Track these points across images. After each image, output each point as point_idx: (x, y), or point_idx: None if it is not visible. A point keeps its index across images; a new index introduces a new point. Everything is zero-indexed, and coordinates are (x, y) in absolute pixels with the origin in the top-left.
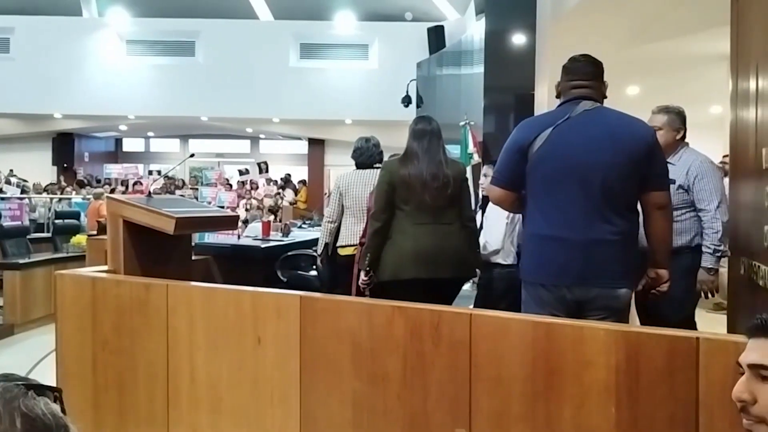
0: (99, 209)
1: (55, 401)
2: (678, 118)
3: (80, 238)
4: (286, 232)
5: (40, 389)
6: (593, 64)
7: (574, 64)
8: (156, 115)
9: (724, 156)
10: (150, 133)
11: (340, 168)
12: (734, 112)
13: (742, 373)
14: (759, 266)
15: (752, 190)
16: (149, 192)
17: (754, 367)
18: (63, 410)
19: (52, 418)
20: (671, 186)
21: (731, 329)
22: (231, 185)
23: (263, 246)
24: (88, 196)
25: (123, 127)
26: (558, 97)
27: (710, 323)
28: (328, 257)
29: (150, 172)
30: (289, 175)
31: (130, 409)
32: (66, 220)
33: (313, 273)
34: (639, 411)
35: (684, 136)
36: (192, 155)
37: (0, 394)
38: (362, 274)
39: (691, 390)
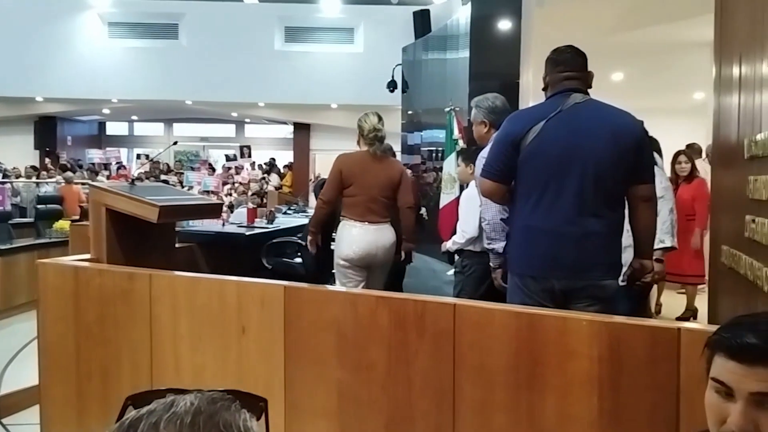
0: (79, 194)
1: (261, 413)
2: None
3: (63, 224)
4: (270, 219)
5: (246, 399)
6: (580, 56)
7: (562, 55)
8: (139, 99)
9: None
10: (134, 117)
11: (325, 152)
12: (717, 99)
13: (717, 390)
14: (740, 255)
15: (734, 180)
16: (132, 179)
17: (759, 396)
18: (267, 423)
19: None
20: None
21: (712, 317)
22: (214, 169)
23: (248, 233)
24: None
25: (106, 111)
26: (545, 89)
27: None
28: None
29: (138, 156)
30: (274, 159)
31: (113, 399)
32: (49, 205)
33: (298, 260)
34: (621, 401)
35: None
36: (175, 143)
37: (206, 405)
38: None
39: (673, 380)
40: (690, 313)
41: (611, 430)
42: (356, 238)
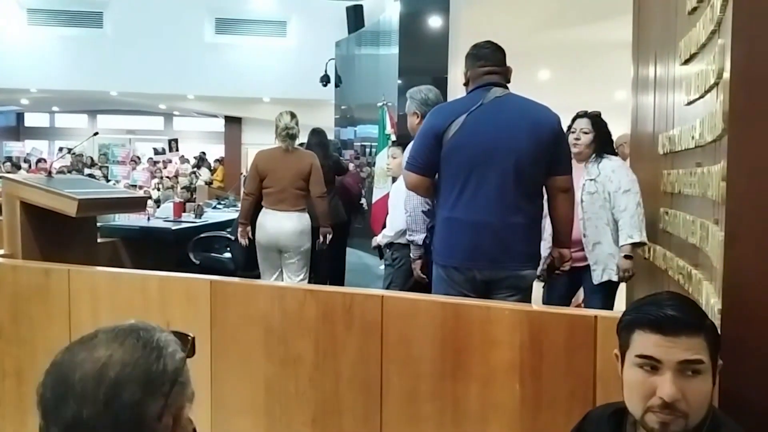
0: None
1: (191, 347)
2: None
3: None
4: (199, 213)
5: (177, 334)
6: (500, 51)
7: (482, 50)
8: (61, 89)
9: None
10: (55, 108)
11: (258, 147)
12: (635, 98)
13: (642, 365)
14: (654, 246)
15: (650, 174)
16: (49, 172)
17: (688, 363)
18: (193, 352)
19: (156, 341)
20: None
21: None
22: (139, 157)
23: (174, 228)
24: None
25: (24, 101)
26: (466, 84)
27: None
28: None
29: (60, 149)
30: (204, 153)
31: (29, 400)
32: None
33: (227, 255)
34: (542, 387)
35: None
36: (96, 134)
37: (142, 324)
38: None
39: (589, 366)
40: None
41: (532, 416)
42: (267, 223)
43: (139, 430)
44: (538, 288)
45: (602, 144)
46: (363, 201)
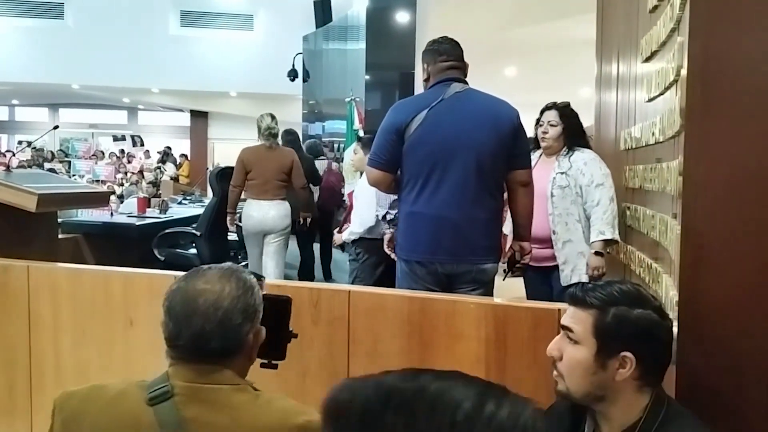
0: None
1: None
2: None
3: None
4: (163, 209)
5: (255, 274)
6: (459, 46)
7: (443, 46)
8: (21, 82)
9: None
10: (14, 101)
11: (225, 141)
12: (598, 95)
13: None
14: (618, 241)
15: (613, 170)
16: (8, 166)
17: (565, 328)
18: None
19: (249, 282)
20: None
21: None
22: (102, 152)
23: (138, 223)
24: None
25: None
26: (427, 79)
27: None
28: (209, 235)
29: (20, 143)
30: (169, 148)
31: None
32: None
33: (193, 251)
34: (506, 379)
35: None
36: (56, 127)
37: (235, 267)
38: None
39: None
40: None
41: None
42: (252, 212)
43: (236, 342)
44: (517, 286)
45: (572, 136)
46: (345, 196)
